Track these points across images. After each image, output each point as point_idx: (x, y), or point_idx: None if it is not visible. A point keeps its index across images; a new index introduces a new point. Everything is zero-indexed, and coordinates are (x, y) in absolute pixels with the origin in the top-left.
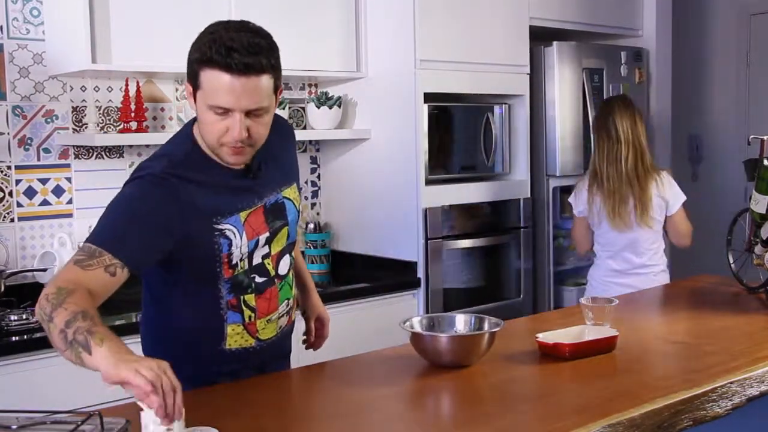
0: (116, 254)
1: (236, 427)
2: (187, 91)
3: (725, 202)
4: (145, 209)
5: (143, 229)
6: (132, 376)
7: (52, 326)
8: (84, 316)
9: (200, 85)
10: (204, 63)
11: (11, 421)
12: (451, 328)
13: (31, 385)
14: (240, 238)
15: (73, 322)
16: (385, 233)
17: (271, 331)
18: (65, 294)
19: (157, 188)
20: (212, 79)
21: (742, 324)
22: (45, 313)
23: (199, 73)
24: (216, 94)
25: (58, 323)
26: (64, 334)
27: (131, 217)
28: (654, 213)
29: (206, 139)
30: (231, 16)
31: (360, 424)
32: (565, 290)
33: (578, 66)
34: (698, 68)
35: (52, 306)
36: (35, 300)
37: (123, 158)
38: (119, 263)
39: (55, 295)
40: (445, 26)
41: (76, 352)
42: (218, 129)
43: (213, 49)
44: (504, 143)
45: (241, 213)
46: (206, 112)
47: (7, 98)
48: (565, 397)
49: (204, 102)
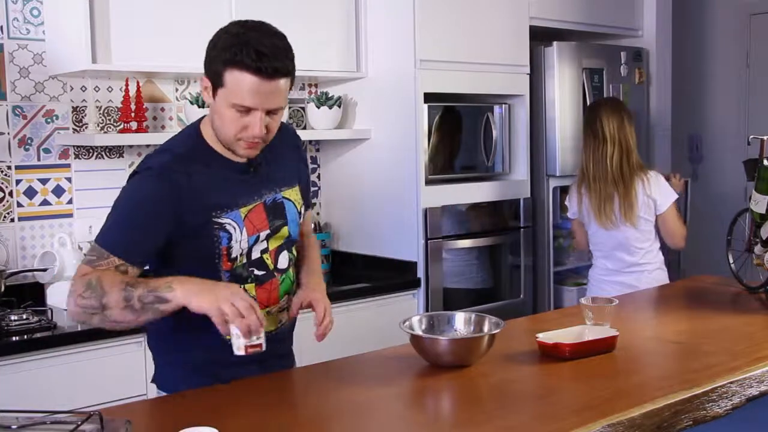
0: (122, 257)
1: (236, 427)
2: (203, 85)
3: (725, 202)
4: (149, 205)
5: (148, 227)
6: (211, 311)
7: (109, 312)
8: (132, 284)
9: (224, 83)
10: (232, 64)
11: (11, 421)
12: (451, 327)
13: (31, 385)
14: (240, 233)
15: (130, 292)
16: (385, 233)
17: (271, 323)
18: (96, 282)
19: (159, 182)
20: (239, 80)
21: (742, 324)
22: (92, 307)
23: (224, 73)
24: (242, 94)
25: (115, 304)
26: (130, 307)
27: (135, 216)
28: (640, 212)
29: (223, 133)
30: (231, 15)
31: (360, 424)
32: (565, 290)
33: (578, 66)
34: (698, 68)
35: (96, 297)
36: (35, 300)
37: (123, 158)
38: (127, 264)
39: (89, 290)
40: (445, 26)
41: (153, 311)
42: (238, 126)
43: (243, 52)
44: (504, 143)
45: (242, 209)
46: (227, 109)
47: (7, 98)
48: (565, 397)
49: (226, 100)
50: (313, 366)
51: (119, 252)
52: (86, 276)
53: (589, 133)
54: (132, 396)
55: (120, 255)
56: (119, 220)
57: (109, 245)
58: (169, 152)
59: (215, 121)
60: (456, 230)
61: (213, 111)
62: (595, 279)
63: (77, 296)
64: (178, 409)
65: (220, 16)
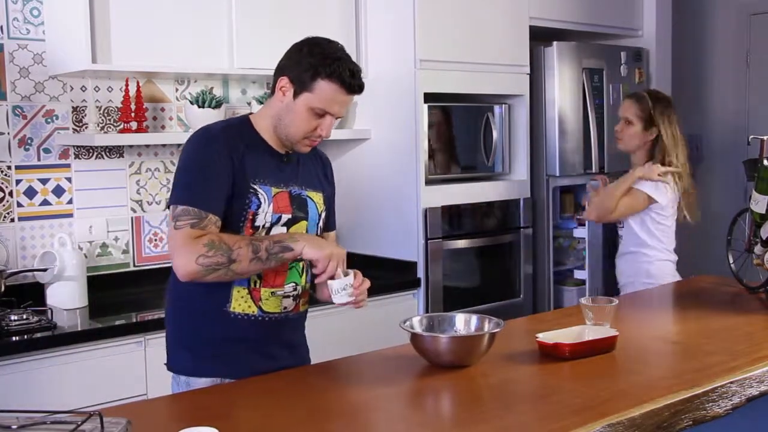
0: (214, 212)
1: (236, 427)
2: (279, 84)
3: (725, 202)
4: (218, 162)
5: (220, 182)
6: (322, 259)
7: (236, 265)
8: (255, 239)
9: (312, 89)
10: (328, 76)
11: (11, 421)
12: (451, 328)
13: (31, 385)
14: (268, 206)
15: (257, 245)
16: (385, 233)
17: (274, 305)
18: (218, 240)
19: (215, 142)
20: (330, 91)
21: (742, 324)
22: (218, 263)
23: (316, 81)
24: (328, 103)
25: (244, 257)
26: (257, 258)
27: (209, 173)
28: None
29: (291, 130)
30: (231, 15)
31: (360, 424)
32: (565, 290)
33: (578, 66)
34: (698, 68)
35: (222, 254)
36: (35, 300)
37: (123, 158)
38: (218, 218)
39: (212, 249)
40: (445, 26)
41: (277, 260)
42: (310, 126)
43: (341, 69)
44: (504, 143)
45: (273, 188)
46: (305, 111)
47: (8, 98)
48: (565, 397)
49: (308, 103)
50: (313, 366)
51: (206, 206)
52: (202, 237)
53: (676, 126)
54: (132, 396)
55: (208, 209)
56: (193, 178)
57: (198, 203)
58: (225, 123)
59: (284, 118)
60: (456, 230)
61: (284, 109)
62: (669, 274)
63: (199, 256)
64: (178, 409)
65: (220, 17)
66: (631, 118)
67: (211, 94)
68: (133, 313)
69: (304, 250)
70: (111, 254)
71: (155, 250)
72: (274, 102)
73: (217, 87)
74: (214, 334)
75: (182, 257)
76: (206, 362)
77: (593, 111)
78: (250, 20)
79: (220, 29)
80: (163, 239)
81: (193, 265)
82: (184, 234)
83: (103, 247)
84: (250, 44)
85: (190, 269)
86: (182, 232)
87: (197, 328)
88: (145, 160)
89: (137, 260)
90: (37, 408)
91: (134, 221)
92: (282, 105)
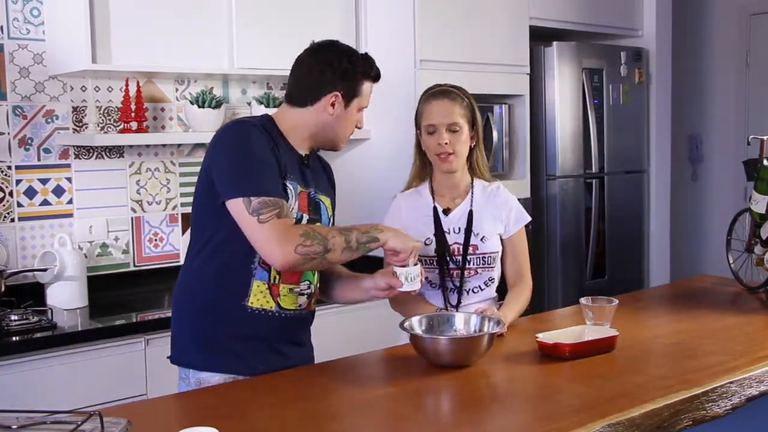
0: (283, 197)
1: (236, 427)
2: (331, 100)
3: (725, 202)
4: (265, 151)
5: (276, 169)
6: (404, 250)
7: (330, 254)
8: (345, 229)
9: (361, 93)
10: (368, 77)
11: (11, 421)
12: (451, 327)
13: (31, 385)
14: (294, 203)
15: (348, 235)
16: None
17: (290, 302)
18: (313, 231)
19: (258, 132)
20: (370, 88)
21: (742, 324)
22: (315, 252)
23: (362, 85)
24: (369, 98)
25: (338, 246)
26: (348, 247)
27: (264, 161)
28: None
29: (342, 134)
30: (231, 15)
31: (360, 424)
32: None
33: (578, 66)
34: (698, 68)
35: (319, 243)
36: (35, 300)
37: (123, 158)
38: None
39: (309, 238)
40: (445, 26)
41: (365, 250)
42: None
43: (372, 67)
44: (504, 143)
45: (299, 186)
46: (356, 113)
47: (8, 98)
48: (565, 397)
49: (359, 106)
50: (313, 366)
51: (282, 195)
52: (297, 228)
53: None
54: (132, 396)
55: (282, 197)
56: (260, 168)
57: (270, 191)
58: (251, 118)
59: (337, 126)
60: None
61: (336, 120)
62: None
63: (298, 245)
64: (178, 409)
65: (220, 17)
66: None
67: (211, 94)
68: (133, 313)
69: (390, 241)
70: (111, 254)
71: (155, 250)
72: (314, 114)
73: (217, 87)
74: (228, 328)
75: (281, 247)
76: (217, 357)
77: (593, 111)
78: (250, 20)
79: (220, 29)
80: (163, 239)
81: (293, 255)
82: (276, 225)
83: (103, 247)
84: (250, 44)
85: (290, 259)
86: (272, 224)
87: (211, 322)
88: (145, 160)
89: (137, 260)
90: (37, 408)
91: (134, 221)
92: (331, 118)
